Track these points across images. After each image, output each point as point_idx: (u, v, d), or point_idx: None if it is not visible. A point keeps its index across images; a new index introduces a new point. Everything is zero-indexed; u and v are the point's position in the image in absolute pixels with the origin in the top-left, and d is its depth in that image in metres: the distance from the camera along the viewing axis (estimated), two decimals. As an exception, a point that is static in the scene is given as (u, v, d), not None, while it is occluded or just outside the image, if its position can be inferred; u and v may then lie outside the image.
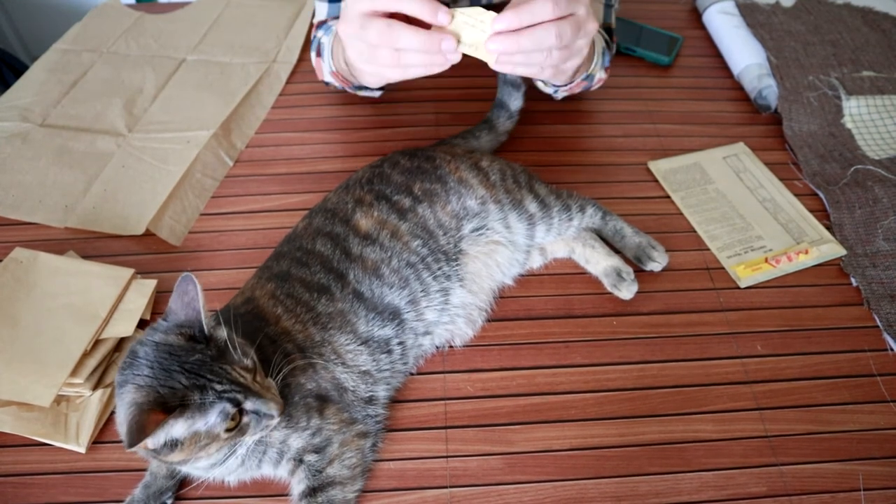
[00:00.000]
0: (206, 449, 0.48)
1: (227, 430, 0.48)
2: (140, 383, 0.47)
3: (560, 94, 0.87)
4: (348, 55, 0.64)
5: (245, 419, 0.49)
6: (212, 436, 0.48)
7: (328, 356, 0.59)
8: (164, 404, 0.46)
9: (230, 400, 0.48)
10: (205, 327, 0.50)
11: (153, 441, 0.46)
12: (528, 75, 0.61)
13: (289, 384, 0.56)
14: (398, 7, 0.56)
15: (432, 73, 0.59)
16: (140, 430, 0.44)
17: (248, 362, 0.51)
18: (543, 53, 0.57)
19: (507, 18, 0.55)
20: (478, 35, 0.57)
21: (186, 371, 0.47)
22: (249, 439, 0.51)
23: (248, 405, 0.49)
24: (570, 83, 0.79)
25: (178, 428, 0.46)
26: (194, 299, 0.50)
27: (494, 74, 0.78)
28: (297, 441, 0.56)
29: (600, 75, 0.84)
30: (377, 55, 0.58)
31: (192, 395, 0.47)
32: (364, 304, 0.62)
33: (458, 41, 0.57)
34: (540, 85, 0.86)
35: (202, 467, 0.53)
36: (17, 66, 1.52)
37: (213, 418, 0.47)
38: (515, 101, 0.86)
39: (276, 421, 0.51)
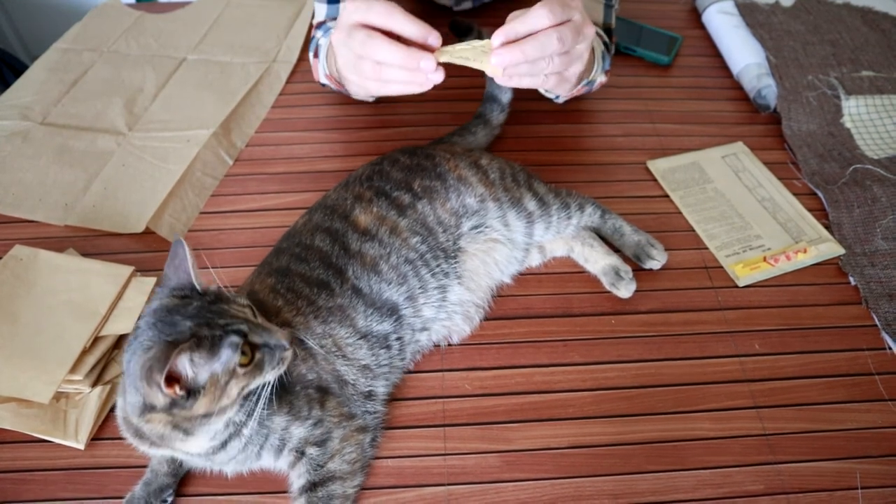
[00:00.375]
0: (227, 391, 0.49)
1: (243, 366, 0.49)
2: (147, 345, 0.48)
3: (561, 99, 0.88)
4: (337, 62, 0.65)
5: (258, 355, 0.50)
6: (229, 372, 0.48)
7: (329, 348, 0.60)
8: (175, 344, 0.47)
9: (235, 332, 0.49)
10: (196, 284, 0.51)
11: (169, 392, 0.46)
12: (533, 86, 0.62)
13: (290, 373, 0.57)
14: (389, 25, 0.57)
15: (414, 91, 0.60)
16: (161, 364, 0.45)
17: (244, 302, 0.52)
18: (546, 60, 0.58)
19: (507, 30, 0.56)
20: (477, 53, 0.58)
21: (189, 317, 0.49)
22: (271, 376, 0.52)
23: (255, 338, 0.50)
24: (570, 93, 0.79)
25: (193, 365, 0.47)
26: (184, 261, 0.52)
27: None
28: (298, 430, 0.56)
29: (601, 79, 0.84)
30: (361, 66, 0.60)
31: (201, 332, 0.48)
32: (363, 299, 0.63)
33: (443, 59, 0.57)
34: (542, 90, 0.86)
35: (208, 444, 0.52)
36: (17, 66, 1.52)
37: (224, 354, 0.48)
38: (506, 94, 0.87)
39: (289, 353, 0.52)
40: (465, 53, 0.58)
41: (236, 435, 0.53)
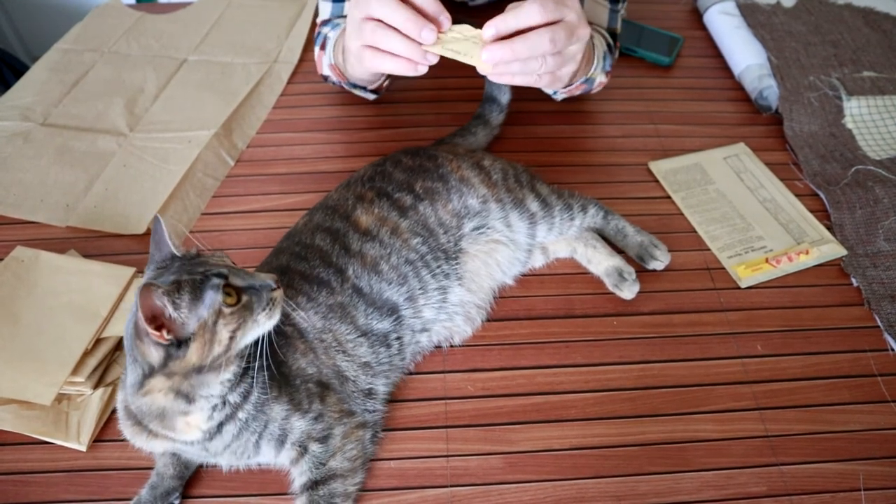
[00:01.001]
0: (217, 335, 0.49)
1: (229, 306, 0.49)
2: (135, 310, 0.49)
3: (560, 96, 0.88)
4: (346, 37, 0.64)
5: (244, 297, 0.50)
6: (216, 312, 0.49)
7: (329, 342, 0.60)
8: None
9: (216, 275, 0.49)
10: (175, 251, 0.53)
11: (157, 337, 0.47)
12: (525, 84, 0.62)
13: (290, 367, 0.57)
14: (384, 16, 0.57)
15: (406, 72, 0.60)
16: (143, 301, 0.45)
17: (226, 259, 0.53)
18: (538, 61, 0.58)
19: (497, 22, 0.56)
20: (468, 46, 0.57)
21: (171, 273, 0.50)
22: (263, 320, 0.52)
23: (237, 280, 0.51)
24: (569, 86, 0.79)
25: (177, 307, 0.47)
26: (161, 235, 0.53)
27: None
28: (299, 422, 0.56)
29: (601, 79, 0.84)
30: (363, 27, 0.59)
31: (181, 278, 0.49)
32: (363, 298, 0.63)
33: (434, 50, 0.58)
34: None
35: (203, 428, 0.52)
36: (17, 67, 1.52)
37: (208, 296, 0.48)
38: (504, 95, 0.88)
39: (279, 294, 0.52)
40: (457, 46, 0.58)
41: (232, 417, 0.53)
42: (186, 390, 0.50)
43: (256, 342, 0.53)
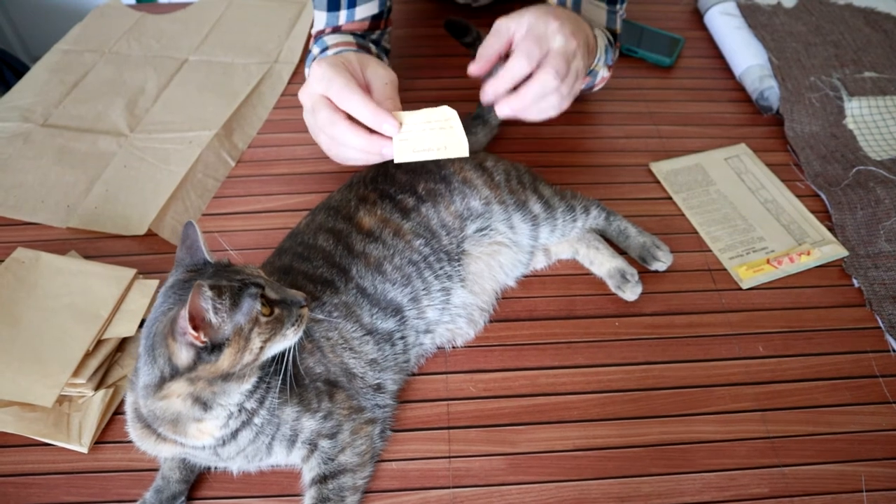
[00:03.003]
0: (250, 342, 0.49)
1: (265, 315, 0.50)
2: (166, 309, 0.50)
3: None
4: (307, 120, 0.67)
5: (276, 310, 0.51)
6: (252, 320, 0.49)
7: (336, 340, 0.60)
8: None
9: (254, 284, 0.50)
10: (209, 258, 0.53)
11: (194, 337, 0.46)
12: (553, 115, 0.64)
13: (298, 367, 0.57)
14: (347, 108, 0.60)
15: (378, 159, 0.63)
16: (191, 302, 0.45)
17: (259, 271, 0.54)
18: (554, 95, 0.61)
19: (495, 88, 0.60)
20: (439, 136, 0.58)
21: (207, 278, 0.50)
22: (291, 335, 0.52)
23: (271, 293, 0.51)
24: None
25: (217, 313, 0.47)
26: (196, 240, 0.54)
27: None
28: (309, 422, 0.56)
29: (603, 73, 0.84)
30: (320, 138, 0.64)
31: (220, 283, 0.48)
32: (367, 298, 0.63)
33: (402, 158, 0.59)
34: None
35: (217, 435, 0.52)
36: (17, 67, 1.52)
37: (246, 304, 0.49)
38: None
39: (306, 311, 0.53)
40: (426, 143, 0.59)
41: (248, 423, 0.53)
42: (207, 398, 0.50)
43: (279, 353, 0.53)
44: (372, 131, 0.60)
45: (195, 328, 0.46)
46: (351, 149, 0.62)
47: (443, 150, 0.59)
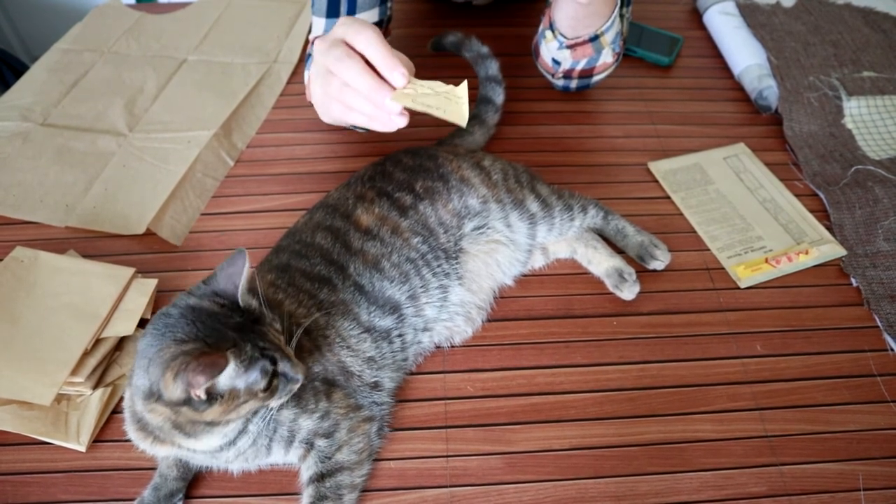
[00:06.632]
0: (239, 408, 0.49)
1: (263, 391, 0.49)
2: (183, 338, 0.48)
3: (571, 86, 0.87)
4: (311, 70, 0.64)
5: (275, 381, 0.50)
6: (251, 393, 0.49)
7: (333, 338, 0.60)
8: (221, 350, 0.47)
9: (269, 358, 0.49)
10: (240, 300, 0.51)
11: (204, 385, 0.46)
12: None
13: None
14: (362, 47, 0.57)
15: (377, 129, 0.60)
16: (200, 364, 0.45)
17: (279, 326, 0.53)
18: None
19: None
20: (441, 101, 0.57)
21: (232, 330, 0.49)
22: (274, 404, 0.52)
23: (281, 366, 0.51)
24: (577, 39, 0.81)
25: (226, 375, 0.47)
26: (237, 274, 0.52)
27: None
28: (307, 422, 0.56)
29: (606, 59, 0.84)
30: (329, 81, 0.60)
31: (243, 347, 0.48)
32: (365, 296, 0.63)
33: (405, 103, 0.57)
34: (550, 79, 0.89)
35: (212, 447, 0.52)
36: (17, 67, 1.52)
37: (253, 375, 0.48)
38: (499, 96, 0.88)
39: (298, 386, 0.53)
40: (428, 100, 0.57)
41: (243, 432, 0.53)
42: (188, 429, 0.50)
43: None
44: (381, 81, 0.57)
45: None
46: (355, 93, 0.58)
47: (442, 112, 0.57)
